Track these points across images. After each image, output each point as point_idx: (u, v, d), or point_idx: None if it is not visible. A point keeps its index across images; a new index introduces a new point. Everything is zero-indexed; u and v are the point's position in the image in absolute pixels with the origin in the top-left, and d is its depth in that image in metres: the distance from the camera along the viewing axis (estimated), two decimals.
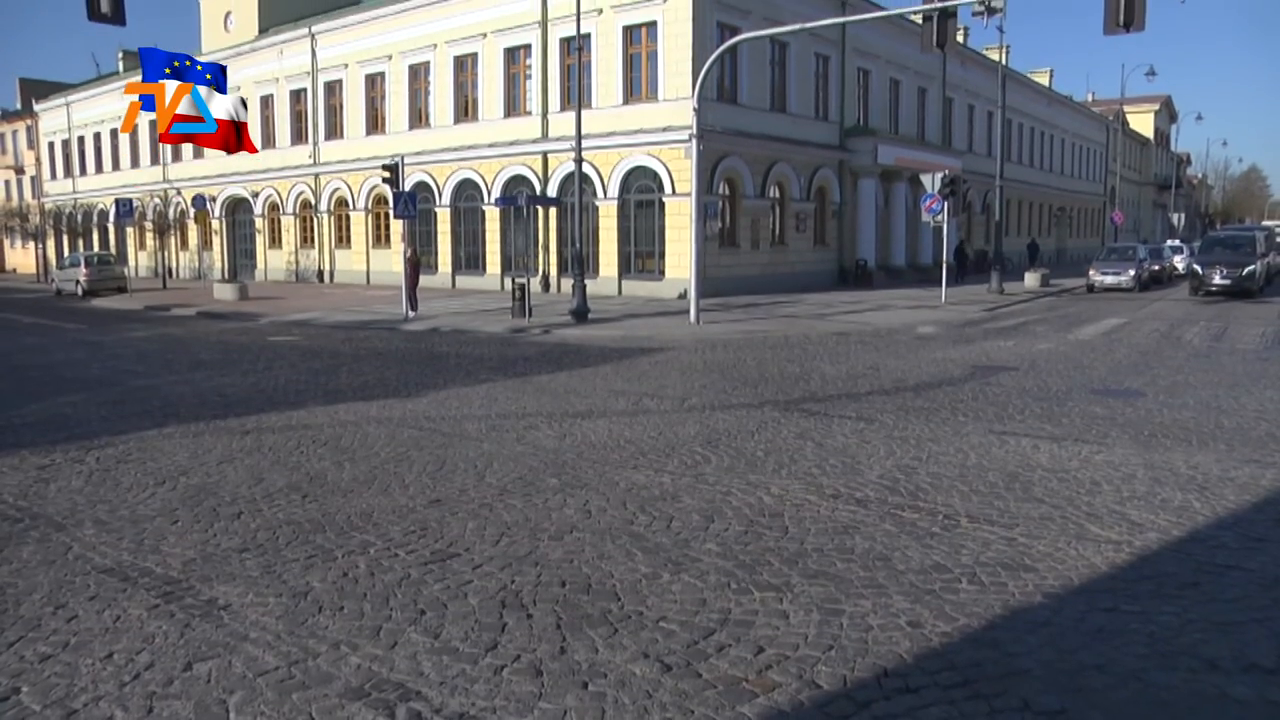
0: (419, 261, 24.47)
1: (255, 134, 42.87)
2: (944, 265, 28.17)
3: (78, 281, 36.47)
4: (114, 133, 53.61)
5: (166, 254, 46.63)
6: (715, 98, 27.81)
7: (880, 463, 8.24)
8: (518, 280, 22.46)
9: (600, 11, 28.70)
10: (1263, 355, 15.77)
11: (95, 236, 55.25)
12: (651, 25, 28.29)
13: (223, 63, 43.62)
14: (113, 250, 49.14)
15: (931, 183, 26.59)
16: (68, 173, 58.54)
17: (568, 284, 25.33)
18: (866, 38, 35.82)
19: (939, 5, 17.77)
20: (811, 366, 14.68)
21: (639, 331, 19.79)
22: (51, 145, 60.12)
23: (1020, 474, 7.80)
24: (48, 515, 6.94)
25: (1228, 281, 28.37)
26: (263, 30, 42.25)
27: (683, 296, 25.14)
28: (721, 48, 22.05)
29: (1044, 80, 62.29)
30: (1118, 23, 16.04)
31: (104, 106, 54.02)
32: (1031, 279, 34.28)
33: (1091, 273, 33.42)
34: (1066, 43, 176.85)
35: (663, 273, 28.65)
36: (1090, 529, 6.35)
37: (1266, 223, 79.65)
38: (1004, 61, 36.94)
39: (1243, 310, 24.67)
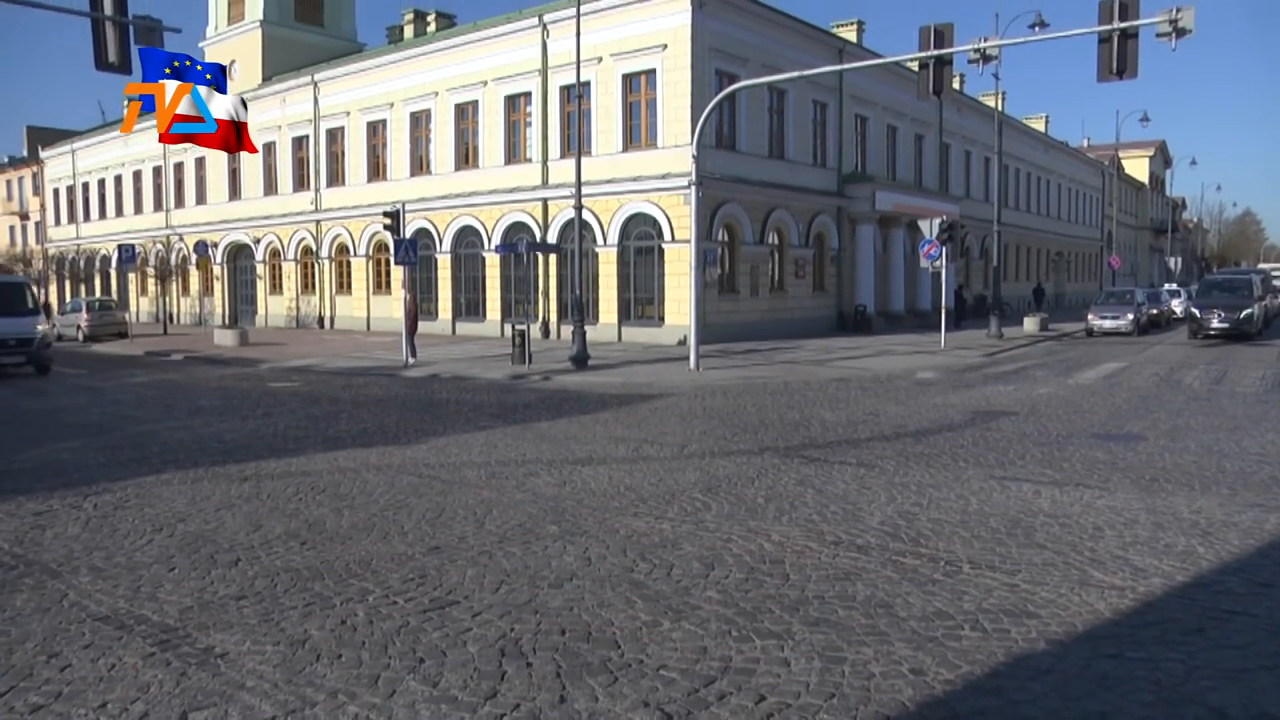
0: (418, 308, 24.51)
1: (257, 181, 43.41)
2: (943, 310, 28.25)
3: (79, 327, 36.53)
4: (118, 179, 54.12)
5: (168, 299, 46.81)
6: (714, 145, 28.05)
7: (881, 509, 8.20)
8: (518, 327, 22.50)
9: (600, 59, 29.02)
10: (1263, 398, 15.76)
11: (97, 282, 55.48)
12: (650, 73, 28.60)
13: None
14: (114, 296, 49.33)
15: (930, 228, 26.74)
16: (71, 218, 58.91)
17: (568, 330, 25.35)
18: (863, 85, 36.23)
19: (935, 53, 17.95)
20: (811, 413, 14.65)
21: (639, 378, 19.78)
22: (56, 191, 60.59)
23: (1022, 519, 7.76)
24: (43, 562, 6.89)
25: (1226, 325, 28.44)
26: (266, 78, 42.69)
27: (682, 343, 25.16)
28: (720, 95, 22.27)
29: (1040, 126, 62.90)
30: (1111, 70, 16.22)
31: (109, 153, 54.57)
32: (1030, 323, 34.36)
33: (1090, 317, 33.49)
34: (1062, 88, 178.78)
35: (662, 319, 28.70)
36: (1093, 574, 6.30)
37: (1262, 265, 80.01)
38: (1000, 108, 37.36)
39: (1242, 353, 24.69)
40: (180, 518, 8.15)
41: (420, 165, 36.01)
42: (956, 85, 45.10)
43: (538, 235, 30.70)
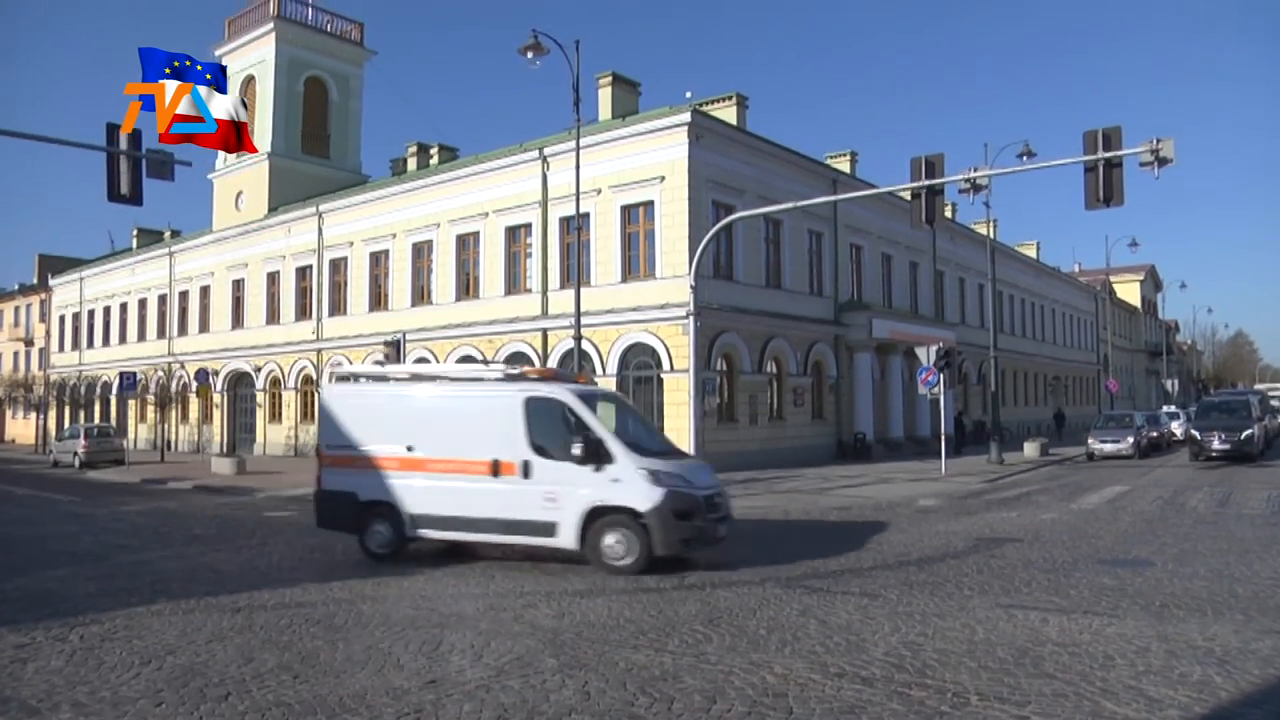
0: None
1: (260, 310, 43.91)
2: (943, 437, 28.20)
3: (75, 453, 36.43)
4: (123, 306, 54.82)
5: (166, 427, 46.85)
6: (712, 275, 28.47)
7: (885, 639, 8.03)
8: None
9: (599, 191, 29.70)
10: (1271, 520, 15.61)
11: (97, 408, 55.58)
12: (649, 205, 29.22)
13: (232, 239, 45.20)
14: (113, 422, 49.31)
15: (927, 355, 26.90)
16: (75, 345, 59.43)
17: None
18: (858, 214, 37.01)
19: (926, 183, 18.41)
20: (813, 543, 14.49)
21: None
22: (62, 318, 61.30)
23: (1030, 649, 7.59)
24: (21, 698, 6.70)
25: (1228, 446, 28.42)
26: (272, 209, 43.65)
27: None
28: (717, 226, 22.74)
29: (1031, 252, 64.09)
30: (1098, 198, 16.61)
31: (115, 281, 55.48)
32: (1031, 448, 34.28)
33: (1091, 441, 33.47)
34: (1051, 215, 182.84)
35: None
36: (1106, 706, 6.13)
37: (1259, 386, 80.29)
38: (992, 235, 38.08)
39: (1245, 475, 24.56)
40: (170, 650, 7.97)
41: (422, 295, 36.47)
42: (949, 214, 46.11)
43: (537, 365, 30.84)
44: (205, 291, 48.35)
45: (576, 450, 11.57)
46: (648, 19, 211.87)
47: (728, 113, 32.37)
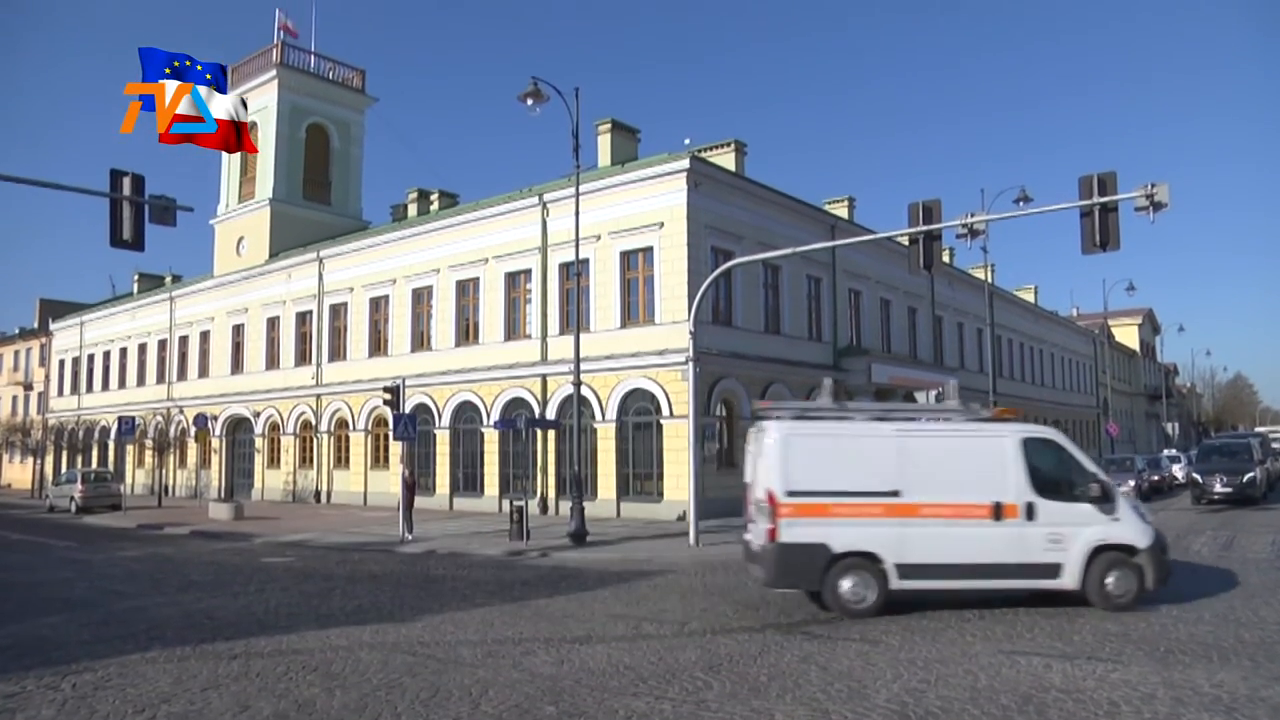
0: (415, 483, 24.42)
1: (260, 355, 43.96)
2: None
3: (72, 498, 36.26)
4: (123, 351, 54.84)
5: (164, 471, 46.66)
6: (711, 320, 28.49)
7: (887, 686, 7.96)
8: (516, 502, 22.34)
9: (599, 237, 29.84)
10: (1276, 564, 15.53)
11: (95, 453, 55.41)
12: (648, 250, 29.33)
13: (233, 284, 45.36)
14: (111, 467, 49.16)
15: (927, 400, 26.85)
16: (74, 389, 59.37)
17: (566, 506, 25.08)
18: (856, 260, 37.14)
19: (924, 229, 18.49)
20: None
21: (638, 554, 19.50)
22: (62, 362, 61.31)
23: (1034, 695, 7.52)
24: None
25: (1229, 489, 28.34)
26: (273, 254, 43.81)
27: (682, 518, 24.90)
28: (716, 272, 22.82)
29: (1029, 296, 64.25)
30: (1094, 243, 16.67)
31: (116, 326, 55.57)
32: None
33: None
34: (1049, 259, 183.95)
35: (662, 494, 28.48)
36: None
37: (1259, 429, 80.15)
38: (990, 280, 38.22)
39: (1249, 518, 24.45)
40: (164, 698, 7.89)
41: (421, 341, 36.51)
42: (947, 259, 46.28)
43: (536, 411, 30.80)
44: (205, 336, 48.42)
45: (1091, 490, 11.74)
46: (647, 66, 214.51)
47: (726, 159, 32.61)
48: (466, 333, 34.75)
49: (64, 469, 50.93)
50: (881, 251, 37.44)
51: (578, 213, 23.43)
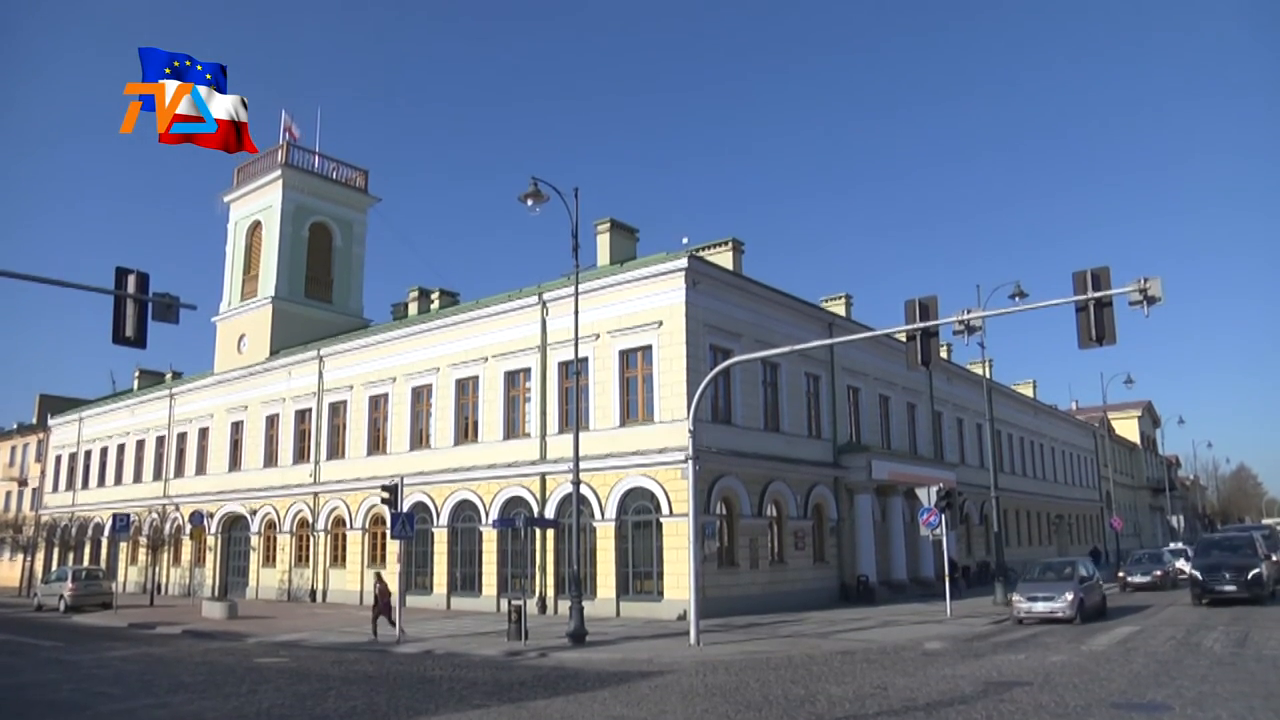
0: (388, 590, 24.11)
1: (258, 453, 43.80)
2: (947, 578, 27.74)
3: (61, 596, 35.73)
4: (120, 447, 54.70)
5: (158, 569, 46.07)
6: (710, 419, 28.48)
7: None
8: (514, 602, 22.03)
9: (598, 336, 29.99)
10: None
11: (88, 550, 54.87)
12: (647, 349, 29.44)
13: (233, 382, 45.43)
14: (104, 564, 48.62)
15: (928, 496, 26.76)
16: (70, 485, 59.09)
17: (565, 605, 24.76)
18: (854, 356, 37.30)
19: (921, 325, 18.59)
20: (817, 688, 14.09)
21: (638, 654, 19.16)
22: (59, 458, 61.11)
23: None
24: None
25: (1233, 587, 26.90)
26: (274, 352, 44.00)
27: (682, 617, 24.55)
28: (715, 370, 22.88)
29: (1028, 391, 64.32)
30: (1091, 338, 16.74)
31: (114, 422, 55.53)
32: None
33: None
34: (1046, 353, 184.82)
35: (661, 593, 28.10)
36: None
37: (1265, 521, 79.43)
38: (988, 375, 38.30)
39: (1261, 613, 23.97)
40: None
41: (420, 439, 36.41)
42: (944, 354, 46.45)
43: (535, 510, 30.58)
44: (204, 433, 48.34)
45: None
46: (645, 166, 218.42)
47: (724, 258, 32.94)
48: (465, 431, 34.68)
49: (55, 566, 50.28)
50: (879, 348, 37.63)
51: (577, 312, 23.59)
